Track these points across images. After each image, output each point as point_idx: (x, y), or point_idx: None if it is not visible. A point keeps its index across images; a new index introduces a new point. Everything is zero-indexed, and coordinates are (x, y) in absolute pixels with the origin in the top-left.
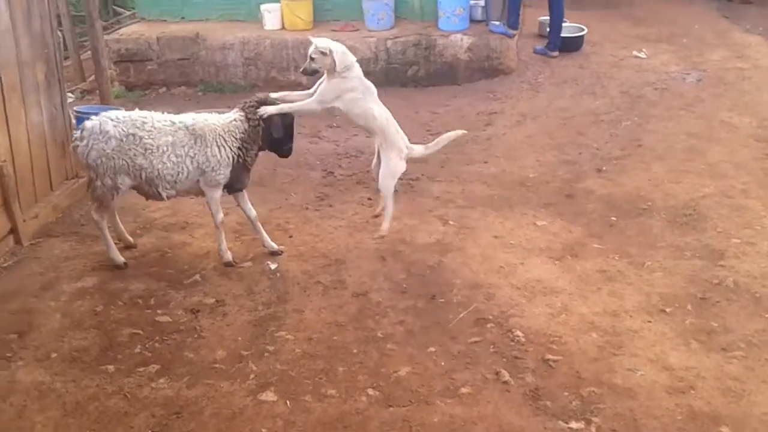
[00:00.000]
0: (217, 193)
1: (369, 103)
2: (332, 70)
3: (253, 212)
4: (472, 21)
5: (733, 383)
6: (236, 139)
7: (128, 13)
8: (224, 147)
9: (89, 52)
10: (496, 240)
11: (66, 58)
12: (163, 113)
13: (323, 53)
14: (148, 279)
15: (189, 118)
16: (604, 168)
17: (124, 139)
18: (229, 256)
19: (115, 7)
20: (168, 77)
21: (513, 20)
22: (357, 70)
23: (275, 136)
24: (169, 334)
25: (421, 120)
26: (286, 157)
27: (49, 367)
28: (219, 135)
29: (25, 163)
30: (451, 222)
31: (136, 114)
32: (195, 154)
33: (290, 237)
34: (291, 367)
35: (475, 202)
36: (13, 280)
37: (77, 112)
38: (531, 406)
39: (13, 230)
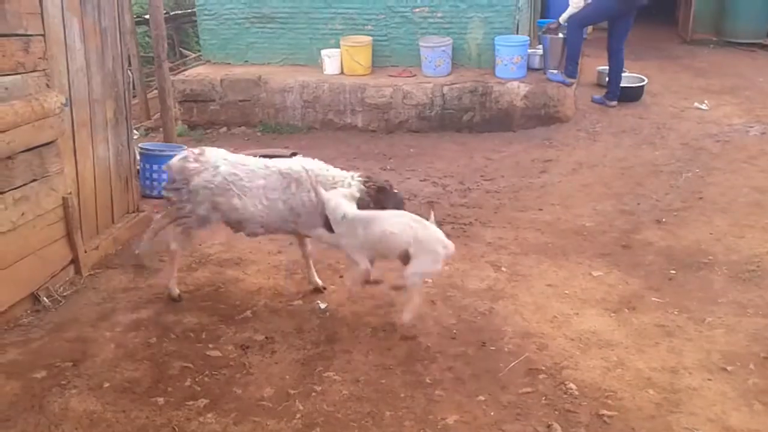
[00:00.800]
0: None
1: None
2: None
3: (308, 247)
4: (530, 69)
5: None
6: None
7: (193, 55)
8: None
9: (155, 91)
10: (549, 289)
11: (133, 97)
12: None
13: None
14: (201, 313)
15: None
16: (663, 219)
17: (228, 178)
18: (317, 281)
19: (181, 50)
20: (229, 117)
21: (571, 69)
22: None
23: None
24: (218, 369)
25: (476, 165)
26: None
27: (101, 396)
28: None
29: (90, 195)
30: (503, 268)
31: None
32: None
33: (341, 277)
34: (337, 409)
35: (528, 249)
36: (71, 309)
37: (142, 148)
38: None
39: (74, 260)
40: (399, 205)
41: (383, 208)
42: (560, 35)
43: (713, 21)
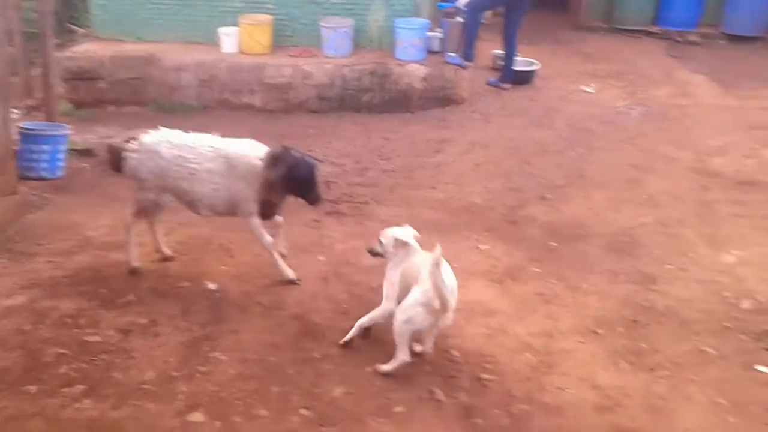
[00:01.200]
0: (255, 220)
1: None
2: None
3: (279, 218)
4: (429, 52)
5: (657, 401)
6: (258, 182)
7: (83, 31)
8: (253, 183)
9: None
10: None
11: (15, 75)
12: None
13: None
14: (80, 298)
15: (230, 145)
16: (547, 196)
17: (173, 160)
18: (289, 273)
19: (70, 25)
20: (119, 96)
21: (468, 52)
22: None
23: (274, 179)
24: (97, 355)
25: (373, 145)
26: (313, 205)
27: None
28: (249, 171)
29: None
30: None
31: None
32: (228, 185)
33: (232, 257)
34: (222, 388)
35: (421, 226)
36: None
37: (21, 128)
38: (462, 424)
39: None
40: (296, 159)
41: (284, 175)
42: (459, 19)
43: (603, 8)
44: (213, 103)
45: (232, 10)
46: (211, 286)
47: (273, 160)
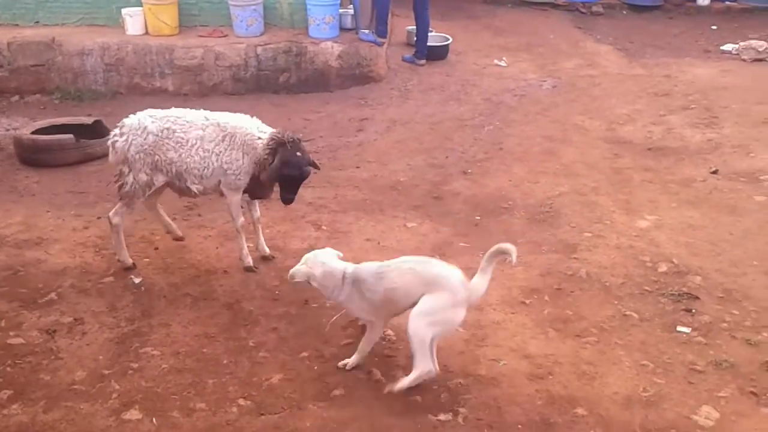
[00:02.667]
0: (237, 197)
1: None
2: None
3: (257, 214)
4: (342, 29)
5: (587, 367)
6: (256, 156)
7: None
8: (248, 155)
9: None
10: (368, 243)
11: None
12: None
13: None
14: None
15: (223, 116)
16: (469, 170)
17: (161, 134)
18: (249, 261)
19: None
20: (21, 84)
21: (381, 29)
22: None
23: (283, 172)
24: (22, 357)
25: (294, 127)
26: (285, 203)
27: None
28: (247, 143)
29: None
30: (324, 227)
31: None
32: (221, 152)
33: (156, 249)
34: (157, 384)
35: (347, 206)
36: None
37: None
38: (402, 402)
39: None
40: (296, 160)
41: (276, 166)
42: None
43: None
44: (123, 89)
45: None
46: (136, 279)
47: (276, 145)
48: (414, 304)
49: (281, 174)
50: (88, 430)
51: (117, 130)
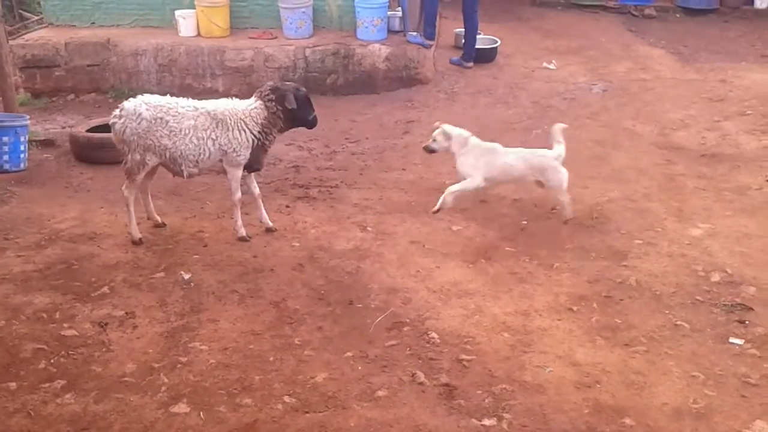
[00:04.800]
0: (238, 173)
1: (500, 158)
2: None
3: (257, 190)
4: (390, 31)
5: (635, 377)
6: (257, 123)
7: (35, 18)
8: (245, 131)
9: None
10: (413, 245)
11: None
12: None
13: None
14: (54, 292)
15: (210, 104)
16: None
17: (154, 122)
18: (243, 231)
19: (21, 12)
20: (77, 83)
21: (429, 32)
22: (473, 141)
23: (290, 107)
24: (75, 349)
25: (341, 128)
26: (313, 127)
27: None
28: (240, 120)
29: None
30: (369, 228)
31: (166, 99)
32: (217, 136)
33: (205, 246)
34: (204, 378)
35: (392, 208)
36: None
37: None
38: (445, 406)
39: None
40: (293, 87)
41: (292, 95)
42: None
43: None
44: (174, 89)
45: None
46: (186, 275)
47: (274, 93)
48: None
49: (299, 100)
50: (137, 422)
51: (117, 112)
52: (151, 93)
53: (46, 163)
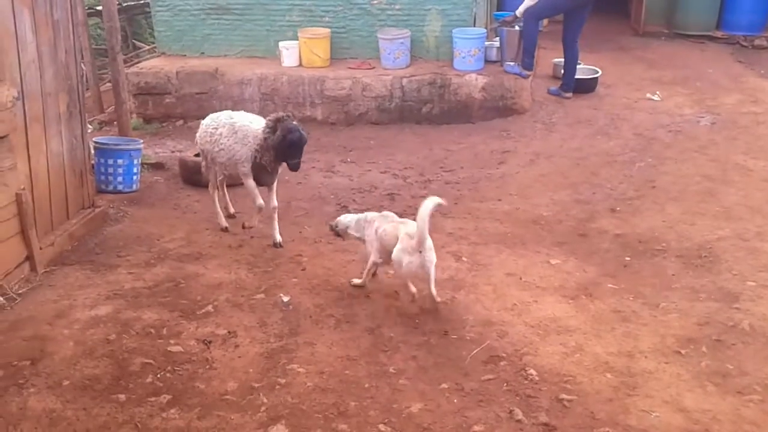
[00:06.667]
0: (249, 182)
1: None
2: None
3: (273, 204)
4: (487, 61)
5: (749, 427)
6: (256, 144)
7: (147, 47)
8: (246, 146)
9: (108, 84)
10: (509, 277)
11: (86, 90)
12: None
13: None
14: (161, 309)
15: (238, 116)
16: (618, 208)
17: (209, 131)
18: (255, 222)
19: (134, 42)
20: (186, 110)
21: (527, 61)
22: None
23: (271, 143)
24: (180, 365)
25: (435, 157)
26: (293, 170)
27: (61, 394)
28: (246, 135)
29: (44, 191)
30: (464, 258)
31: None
32: (230, 145)
33: (303, 270)
34: (302, 401)
35: (488, 239)
36: (27, 307)
37: (96, 143)
38: None
39: (29, 258)
40: (294, 127)
41: (279, 138)
42: (516, 28)
43: (664, 13)
44: None
45: (291, 24)
46: (285, 298)
47: (274, 123)
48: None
49: (285, 140)
50: None
51: (201, 122)
52: None
53: (157, 185)
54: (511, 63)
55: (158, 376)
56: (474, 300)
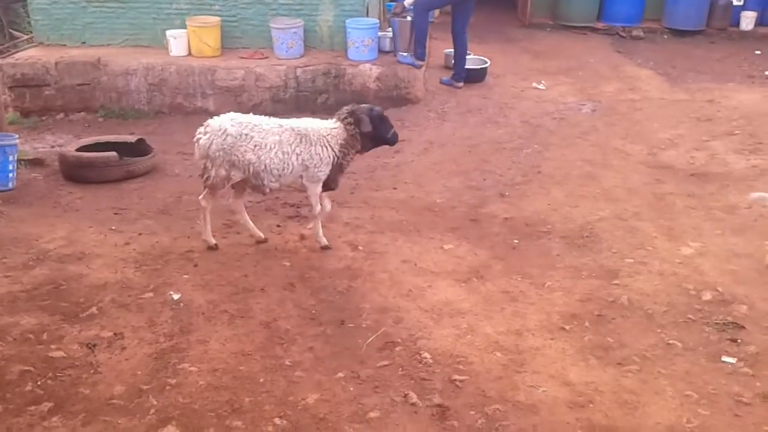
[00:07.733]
0: (318, 188)
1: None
2: None
3: (328, 207)
4: (381, 52)
5: (628, 396)
6: (338, 143)
7: (25, 37)
8: (327, 148)
9: None
10: (404, 264)
11: None
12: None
13: None
14: (41, 313)
15: (294, 121)
16: (506, 193)
17: (239, 137)
18: (324, 241)
19: (11, 31)
20: (67, 103)
21: (420, 52)
22: None
23: (365, 130)
24: (63, 370)
25: None
26: (394, 144)
27: None
28: (323, 137)
29: None
30: (360, 247)
31: (250, 117)
32: (301, 151)
33: (195, 266)
34: (194, 400)
35: (384, 227)
36: None
37: None
38: (438, 427)
39: None
40: (372, 110)
41: (367, 120)
42: (407, 18)
43: (549, 5)
44: (165, 108)
45: (179, 13)
46: (175, 296)
47: (351, 115)
48: None
49: (375, 119)
50: None
51: (202, 129)
52: (141, 112)
53: (35, 182)
54: (405, 53)
55: (38, 383)
56: (370, 288)
